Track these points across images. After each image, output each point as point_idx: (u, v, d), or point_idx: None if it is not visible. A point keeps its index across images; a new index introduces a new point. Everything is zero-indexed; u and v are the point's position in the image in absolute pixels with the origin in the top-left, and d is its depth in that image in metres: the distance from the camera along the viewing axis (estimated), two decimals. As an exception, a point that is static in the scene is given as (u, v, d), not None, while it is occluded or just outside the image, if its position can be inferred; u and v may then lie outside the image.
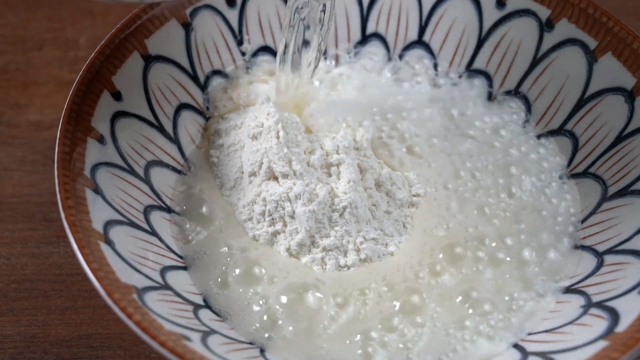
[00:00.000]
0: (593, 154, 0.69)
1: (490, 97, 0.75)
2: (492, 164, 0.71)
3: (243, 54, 0.75)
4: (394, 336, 0.61)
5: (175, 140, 0.70)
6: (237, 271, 0.64)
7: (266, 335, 0.61)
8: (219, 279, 0.64)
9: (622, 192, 0.66)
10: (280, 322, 0.61)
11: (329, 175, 0.68)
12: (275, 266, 0.64)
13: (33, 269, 0.71)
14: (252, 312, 0.62)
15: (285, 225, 0.66)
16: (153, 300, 0.57)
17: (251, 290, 0.63)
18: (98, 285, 0.55)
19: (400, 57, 0.77)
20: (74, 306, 0.69)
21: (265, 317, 0.61)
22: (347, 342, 0.61)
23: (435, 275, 0.64)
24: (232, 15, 0.74)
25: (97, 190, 0.61)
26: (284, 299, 0.62)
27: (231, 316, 0.62)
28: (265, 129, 0.68)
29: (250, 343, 0.60)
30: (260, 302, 0.62)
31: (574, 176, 0.70)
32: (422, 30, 0.76)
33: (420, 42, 0.76)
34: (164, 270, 0.62)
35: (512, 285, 0.64)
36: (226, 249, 0.65)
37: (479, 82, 0.75)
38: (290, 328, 0.61)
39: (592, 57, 0.70)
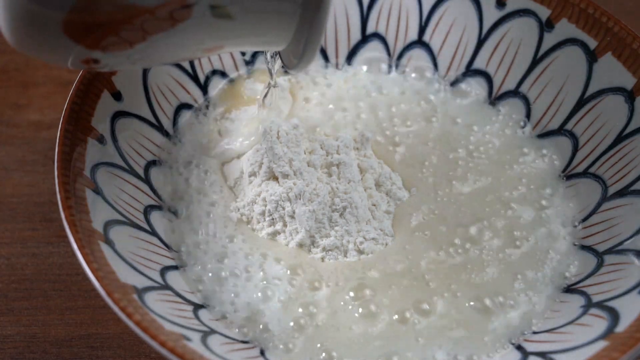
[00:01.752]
0: (593, 154, 0.69)
1: (490, 97, 0.75)
2: (491, 163, 0.71)
3: (243, 53, 0.75)
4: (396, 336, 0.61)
5: (175, 140, 0.70)
6: (237, 268, 0.64)
7: (266, 334, 0.61)
8: (220, 278, 0.64)
9: (622, 192, 0.66)
10: (281, 320, 0.61)
11: (329, 175, 0.68)
12: (277, 261, 0.64)
13: (33, 269, 0.71)
14: (253, 310, 0.62)
15: (285, 225, 0.66)
16: (153, 300, 0.57)
17: (251, 287, 0.63)
18: (98, 285, 0.55)
19: (400, 57, 0.77)
20: (74, 306, 0.69)
21: (266, 316, 0.62)
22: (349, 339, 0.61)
23: (433, 273, 0.64)
24: (232, 15, 0.74)
25: (97, 190, 0.61)
26: (285, 296, 0.62)
27: (232, 314, 0.62)
28: (265, 129, 0.68)
29: (250, 343, 0.60)
30: (262, 298, 0.62)
31: (574, 176, 0.70)
32: (422, 30, 0.76)
33: (420, 42, 0.76)
34: (164, 270, 0.62)
35: (512, 285, 0.64)
36: (226, 246, 0.65)
37: (479, 82, 0.75)
38: (291, 324, 0.61)
39: (592, 57, 0.70)
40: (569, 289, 0.64)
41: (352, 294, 0.63)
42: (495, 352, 0.61)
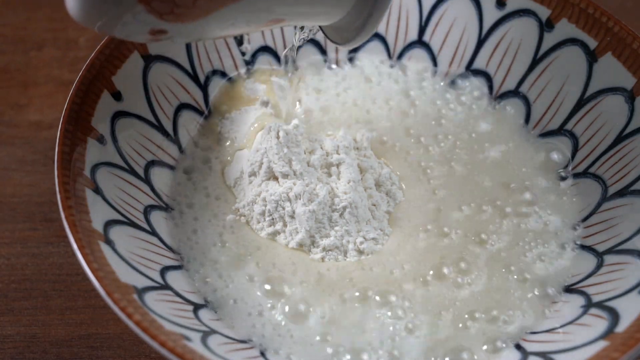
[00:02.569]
0: (593, 154, 0.69)
1: (490, 97, 0.75)
2: (491, 163, 0.71)
3: (243, 53, 0.75)
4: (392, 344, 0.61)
5: (175, 140, 0.70)
6: (237, 268, 0.64)
7: (266, 334, 0.61)
8: (220, 277, 0.64)
9: (622, 192, 0.66)
10: (280, 319, 0.61)
11: (329, 175, 0.68)
12: (277, 261, 0.64)
13: (33, 269, 0.71)
14: (255, 308, 0.62)
15: (285, 225, 0.66)
16: (153, 300, 0.57)
17: (252, 286, 0.63)
18: (98, 285, 0.55)
19: (400, 57, 0.77)
20: (74, 306, 0.69)
21: (266, 314, 0.62)
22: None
23: (433, 274, 0.64)
24: (232, 15, 0.74)
25: (97, 190, 0.61)
26: (286, 294, 0.63)
27: (231, 314, 0.62)
28: (265, 129, 0.68)
29: (250, 342, 0.60)
30: (262, 298, 0.62)
31: (574, 176, 0.70)
32: (422, 30, 0.76)
33: (420, 42, 0.76)
34: (164, 270, 0.62)
35: (512, 285, 0.64)
36: (226, 246, 0.65)
37: (479, 82, 0.75)
38: (292, 325, 0.61)
39: (592, 57, 0.70)
40: (569, 289, 0.64)
41: (357, 293, 0.63)
42: (494, 352, 0.61)
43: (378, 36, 0.76)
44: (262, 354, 0.60)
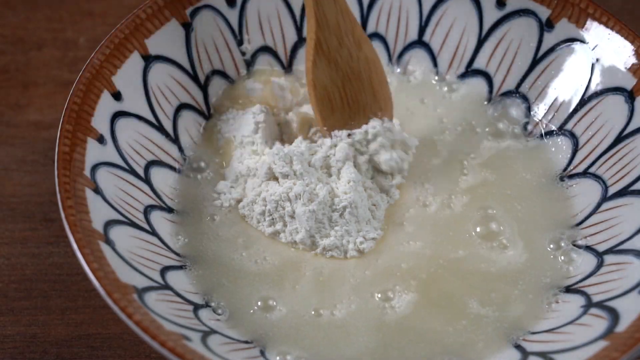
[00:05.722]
0: (593, 154, 0.69)
1: (490, 97, 0.75)
2: (490, 163, 0.71)
3: (243, 54, 0.75)
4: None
5: (175, 140, 0.70)
6: (237, 268, 0.64)
7: (267, 333, 0.61)
8: (220, 277, 0.64)
9: (622, 192, 0.66)
10: (280, 316, 0.61)
11: (329, 175, 0.68)
12: (278, 259, 0.65)
13: (33, 269, 0.71)
14: (254, 308, 0.62)
15: (285, 225, 0.66)
16: (153, 300, 0.57)
17: (252, 285, 0.63)
18: (98, 285, 0.55)
19: (400, 57, 0.77)
20: (74, 306, 0.69)
21: (267, 314, 0.62)
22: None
23: (433, 273, 0.64)
24: (232, 15, 0.74)
25: (97, 190, 0.61)
26: (285, 294, 0.63)
27: (232, 314, 0.62)
28: (265, 129, 0.68)
29: (251, 342, 0.60)
30: (263, 297, 0.62)
31: (574, 176, 0.70)
32: (422, 30, 0.76)
33: (420, 42, 0.76)
34: (164, 270, 0.62)
35: (512, 285, 0.64)
36: (226, 245, 0.65)
37: (479, 82, 0.75)
38: (292, 324, 0.61)
39: (592, 57, 0.70)
40: (569, 289, 0.64)
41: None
42: (494, 352, 0.61)
43: (378, 36, 0.76)
44: (262, 353, 0.60)
